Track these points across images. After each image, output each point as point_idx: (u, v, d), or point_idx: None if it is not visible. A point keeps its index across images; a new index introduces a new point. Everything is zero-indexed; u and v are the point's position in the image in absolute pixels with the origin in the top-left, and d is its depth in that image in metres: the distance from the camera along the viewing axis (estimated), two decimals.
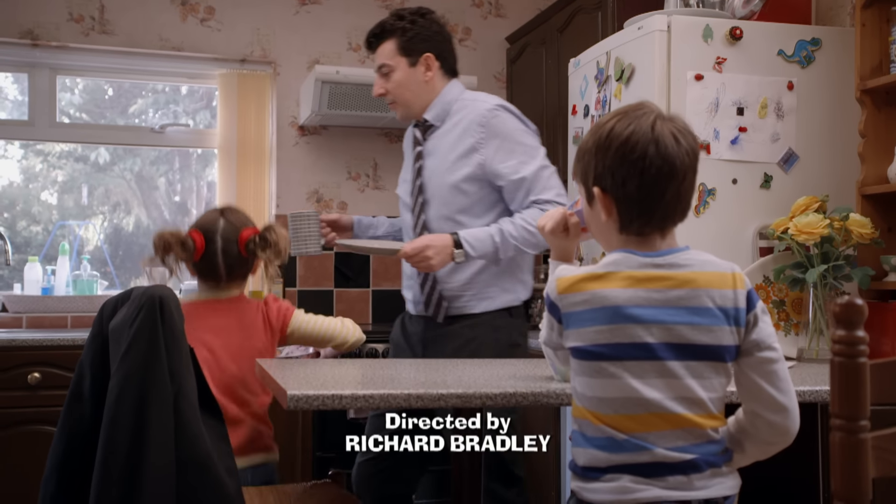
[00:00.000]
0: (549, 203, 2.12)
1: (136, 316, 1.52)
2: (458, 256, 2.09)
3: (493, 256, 2.13)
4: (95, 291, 3.29)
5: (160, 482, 1.45)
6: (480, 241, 2.11)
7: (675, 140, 1.25)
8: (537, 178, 2.15)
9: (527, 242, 2.13)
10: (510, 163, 2.14)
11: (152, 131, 3.53)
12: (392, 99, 2.27)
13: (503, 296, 2.22)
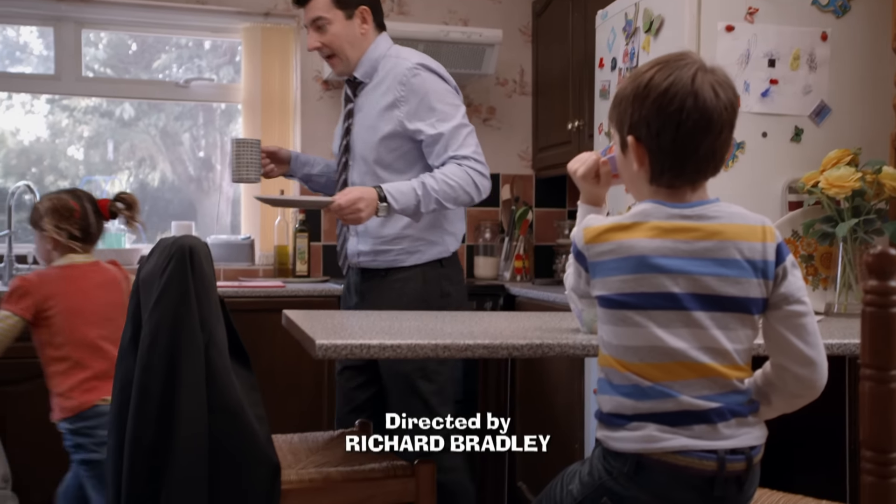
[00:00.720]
0: (467, 159, 2.15)
1: (167, 265, 1.54)
2: (382, 210, 2.10)
3: (414, 210, 2.14)
4: (123, 245, 3.33)
5: (192, 426, 1.49)
6: (403, 195, 2.12)
7: (715, 93, 1.24)
8: (455, 135, 2.17)
9: (447, 197, 2.14)
10: (430, 120, 2.17)
11: (177, 86, 3.53)
12: (329, 52, 2.27)
13: (432, 248, 2.27)
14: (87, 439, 2.15)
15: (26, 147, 3.70)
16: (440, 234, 2.28)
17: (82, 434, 2.15)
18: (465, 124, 2.22)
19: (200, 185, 3.91)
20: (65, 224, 2.19)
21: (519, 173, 3.70)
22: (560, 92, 3.39)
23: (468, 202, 2.19)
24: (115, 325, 2.06)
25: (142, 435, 1.49)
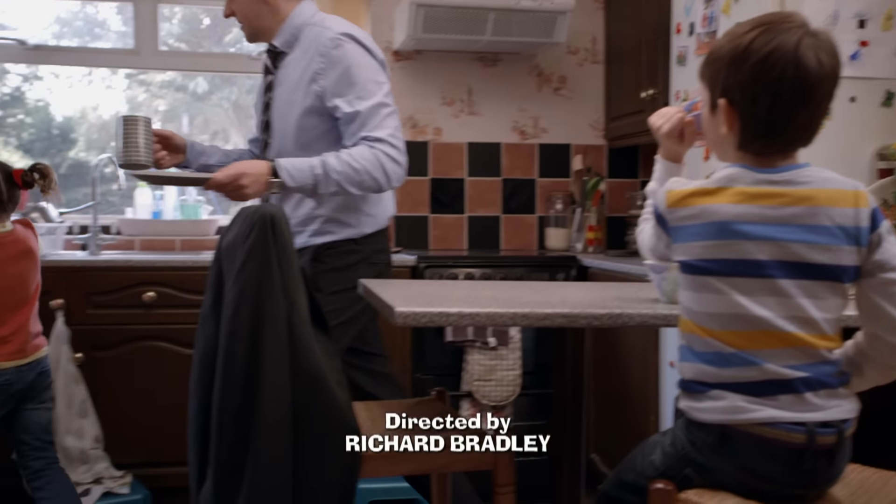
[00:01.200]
0: (380, 142, 1.99)
1: (249, 233, 1.57)
2: (274, 186, 1.96)
3: (311, 190, 1.99)
4: (200, 216, 3.40)
5: (276, 391, 1.52)
6: (300, 172, 1.96)
7: (818, 62, 1.18)
8: (373, 114, 2.00)
9: (350, 180, 1.97)
10: (348, 96, 2.00)
11: (250, 58, 3.57)
12: (239, 19, 2.14)
13: (344, 230, 2.10)
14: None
15: (106, 121, 3.80)
16: (356, 216, 2.11)
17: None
18: (386, 104, 2.04)
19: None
20: None
21: (590, 143, 3.65)
22: (633, 59, 3.32)
23: (375, 188, 2.02)
24: (16, 293, 2.24)
25: (228, 400, 1.52)
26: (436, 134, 3.55)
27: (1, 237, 2.25)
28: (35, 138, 3.70)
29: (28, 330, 2.29)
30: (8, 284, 2.24)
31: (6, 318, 2.24)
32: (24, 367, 2.28)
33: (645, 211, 1.43)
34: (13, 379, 2.25)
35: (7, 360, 2.24)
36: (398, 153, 2.02)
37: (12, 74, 3.66)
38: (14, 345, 2.25)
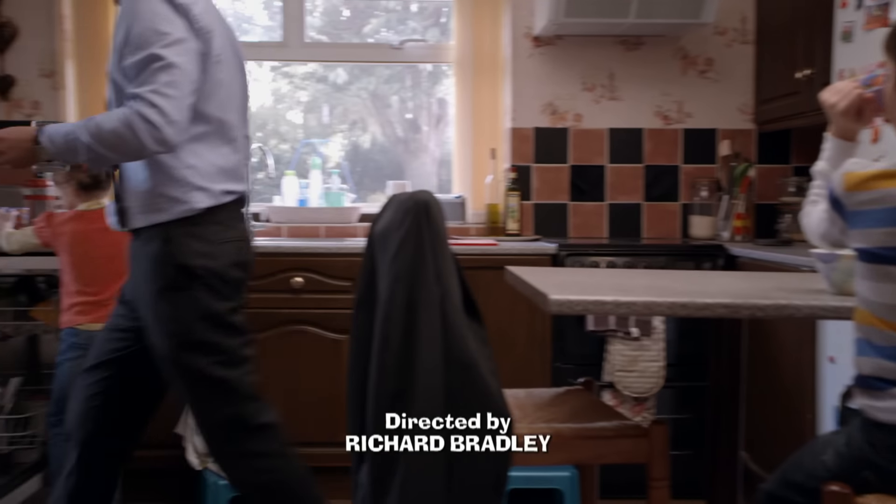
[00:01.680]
0: (137, 99, 1.76)
1: (403, 220, 1.58)
2: (42, 154, 1.81)
3: (73, 156, 1.82)
4: (343, 203, 3.49)
5: (430, 378, 1.53)
6: (60, 136, 1.80)
7: None
8: (142, 67, 1.77)
9: (105, 144, 1.78)
10: (128, 49, 1.81)
11: (391, 48, 3.62)
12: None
13: (175, 206, 1.91)
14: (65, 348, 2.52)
15: (252, 113, 3.94)
16: (184, 189, 1.92)
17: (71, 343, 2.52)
18: (160, 56, 1.77)
19: (408, 147, 4.01)
20: (74, 173, 2.50)
21: (738, 128, 3.49)
22: (788, 38, 3.15)
23: (130, 152, 1.80)
24: (115, 264, 2.44)
25: (383, 385, 1.55)
26: (576, 120, 3.49)
27: (97, 213, 2.51)
28: None
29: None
30: (107, 254, 2.49)
31: (105, 285, 2.50)
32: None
33: (812, 192, 1.35)
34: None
35: (99, 323, 2.40)
36: (155, 112, 1.76)
37: None
38: (108, 309, 2.40)
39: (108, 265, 2.52)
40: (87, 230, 2.53)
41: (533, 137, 3.49)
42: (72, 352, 2.50)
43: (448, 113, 3.87)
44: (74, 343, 2.51)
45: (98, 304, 2.50)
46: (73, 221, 2.53)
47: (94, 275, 2.52)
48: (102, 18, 3.36)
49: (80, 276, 2.51)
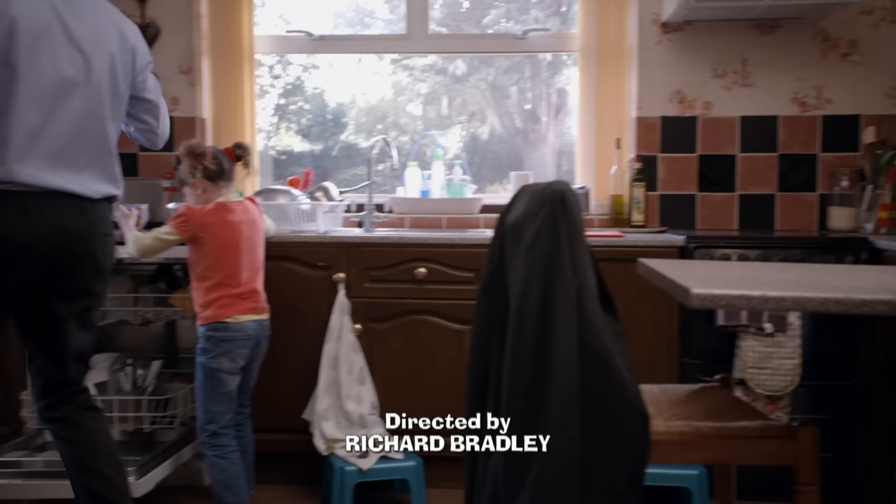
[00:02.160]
0: None
1: (539, 211, 1.56)
2: None
3: None
4: (465, 195, 3.49)
5: (565, 371, 1.50)
6: None
7: None
8: None
9: None
10: None
11: (515, 38, 3.58)
12: None
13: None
14: (211, 346, 2.52)
15: (373, 106, 3.98)
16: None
17: (215, 340, 2.52)
18: None
19: (527, 137, 3.97)
20: (199, 161, 2.54)
21: (885, 113, 3.28)
22: None
23: None
24: (252, 256, 2.57)
25: (517, 378, 1.53)
26: (705, 108, 3.37)
27: (235, 205, 2.57)
28: (312, 123, 3.97)
29: (260, 291, 2.61)
30: (248, 247, 2.56)
31: (246, 277, 2.55)
32: (258, 322, 2.58)
33: None
34: (253, 331, 2.55)
35: (246, 314, 2.54)
36: None
37: (294, 65, 3.95)
38: (251, 301, 2.56)
39: (250, 257, 2.58)
40: (231, 221, 2.55)
41: (659, 126, 3.39)
42: (222, 345, 2.51)
43: (567, 103, 3.81)
44: (226, 337, 2.51)
45: (240, 296, 2.54)
46: (217, 213, 2.54)
47: (237, 267, 2.54)
48: (236, 15, 3.47)
49: (222, 268, 2.52)
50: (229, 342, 2.51)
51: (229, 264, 2.52)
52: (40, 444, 2.84)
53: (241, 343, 2.53)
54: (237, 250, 2.54)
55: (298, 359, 2.94)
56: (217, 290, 2.52)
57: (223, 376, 2.51)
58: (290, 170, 3.84)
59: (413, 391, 2.95)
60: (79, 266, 2.14)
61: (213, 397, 2.52)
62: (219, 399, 2.52)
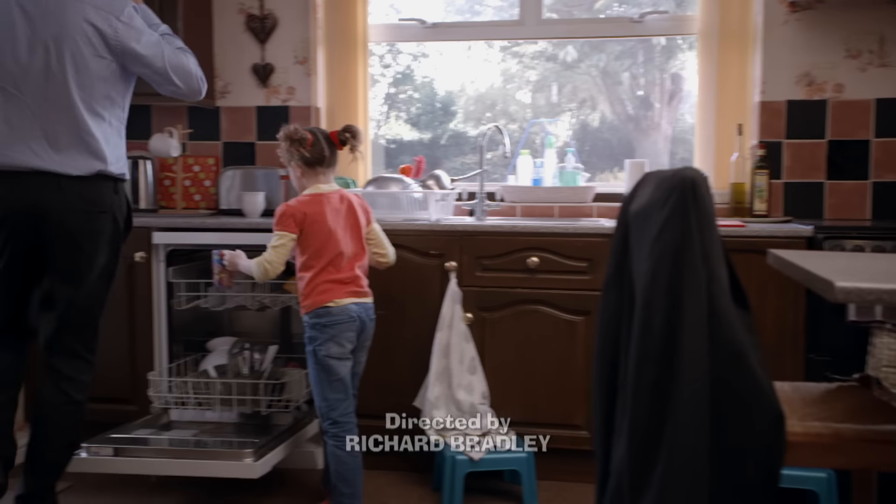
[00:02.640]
0: None
1: (668, 199, 1.50)
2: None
3: None
4: (578, 183, 3.42)
5: (695, 365, 1.44)
6: None
7: None
8: None
9: None
10: None
11: (631, 21, 3.48)
12: None
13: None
14: (317, 333, 2.52)
15: (482, 94, 3.96)
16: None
17: (320, 326, 2.51)
18: None
19: (639, 125, 3.86)
20: (296, 148, 2.53)
21: None
22: None
23: None
24: (351, 242, 2.56)
25: (644, 372, 1.48)
26: (836, 91, 3.18)
27: (330, 194, 2.57)
28: (421, 112, 3.98)
29: (361, 276, 2.60)
30: (345, 234, 2.56)
31: (346, 264, 2.55)
32: (360, 304, 2.57)
33: None
34: (356, 313, 2.54)
35: (347, 297, 2.53)
36: None
37: (404, 54, 3.96)
38: (352, 285, 2.56)
39: (348, 243, 2.57)
40: (327, 210, 2.55)
41: (785, 111, 3.23)
42: (328, 331, 2.51)
43: (682, 88, 3.68)
44: (330, 322, 2.51)
45: (341, 281, 2.54)
46: (313, 203, 2.55)
47: (337, 254, 2.54)
48: (351, 5, 3.50)
49: (323, 256, 2.53)
50: (333, 326, 2.51)
51: (329, 252, 2.52)
52: (166, 423, 2.95)
53: (345, 326, 2.52)
54: (335, 238, 2.53)
55: (410, 346, 2.95)
56: (318, 277, 2.52)
57: (333, 362, 2.51)
58: (399, 158, 3.86)
59: (524, 382, 2.92)
60: (55, 240, 2.33)
61: (327, 385, 2.53)
62: (333, 387, 2.52)
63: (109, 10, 2.36)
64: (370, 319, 2.62)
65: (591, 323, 2.83)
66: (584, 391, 2.86)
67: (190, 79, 2.50)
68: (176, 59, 2.45)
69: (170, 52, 2.45)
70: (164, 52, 2.43)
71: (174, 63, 2.46)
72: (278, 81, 3.54)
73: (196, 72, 2.51)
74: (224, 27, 3.55)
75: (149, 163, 3.46)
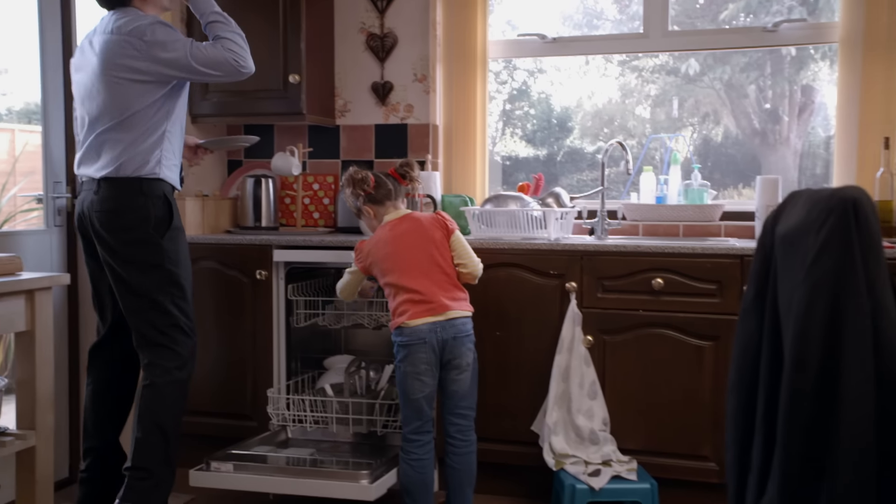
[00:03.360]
0: None
1: (825, 221, 1.37)
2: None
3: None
4: (705, 201, 3.27)
5: (858, 404, 1.31)
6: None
7: None
8: None
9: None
10: None
11: (764, 31, 3.31)
12: None
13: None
14: (396, 351, 2.57)
15: (599, 109, 3.86)
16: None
17: (397, 346, 2.57)
18: None
19: (765, 139, 3.68)
20: (361, 188, 2.65)
21: None
22: None
23: None
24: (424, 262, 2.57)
25: (797, 408, 1.35)
26: None
27: (395, 222, 2.63)
28: (537, 128, 3.92)
29: (438, 292, 2.57)
30: (416, 254, 2.58)
31: (420, 284, 2.55)
32: (434, 323, 2.53)
33: None
34: (426, 334, 2.52)
35: (423, 317, 2.52)
36: None
37: (520, 70, 3.91)
38: (430, 303, 2.54)
39: (421, 263, 2.58)
40: (393, 236, 2.60)
41: None
42: (401, 351, 2.54)
43: (814, 100, 3.48)
44: (404, 342, 2.54)
45: (414, 301, 2.54)
46: (378, 233, 2.65)
47: (408, 275, 2.56)
48: (471, 22, 3.47)
49: (396, 279, 2.57)
50: (406, 347, 2.53)
51: (398, 273, 2.57)
52: (284, 440, 2.97)
53: (416, 348, 2.52)
54: (403, 259, 2.58)
55: (527, 369, 2.88)
56: (396, 299, 2.58)
57: (407, 381, 2.54)
58: (514, 175, 3.82)
59: (647, 409, 2.79)
60: (96, 238, 2.54)
61: (403, 401, 2.57)
62: (407, 404, 2.56)
63: (134, 35, 2.48)
64: (458, 336, 2.56)
65: (721, 348, 2.69)
66: (712, 420, 2.72)
67: (224, 65, 2.54)
68: (202, 55, 2.50)
69: (195, 50, 2.50)
70: (189, 53, 2.49)
71: (202, 59, 2.51)
72: (397, 99, 3.55)
73: (226, 56, 2.53)
74: (345, 47, 3.58)
75: (270, 181, 3.52)
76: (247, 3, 3.28)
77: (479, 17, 3.47)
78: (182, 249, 2.58)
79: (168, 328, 2.52)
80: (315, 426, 2.91)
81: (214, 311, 3.15)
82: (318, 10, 3.44)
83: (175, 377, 2.53)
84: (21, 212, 3.27)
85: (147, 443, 2.48)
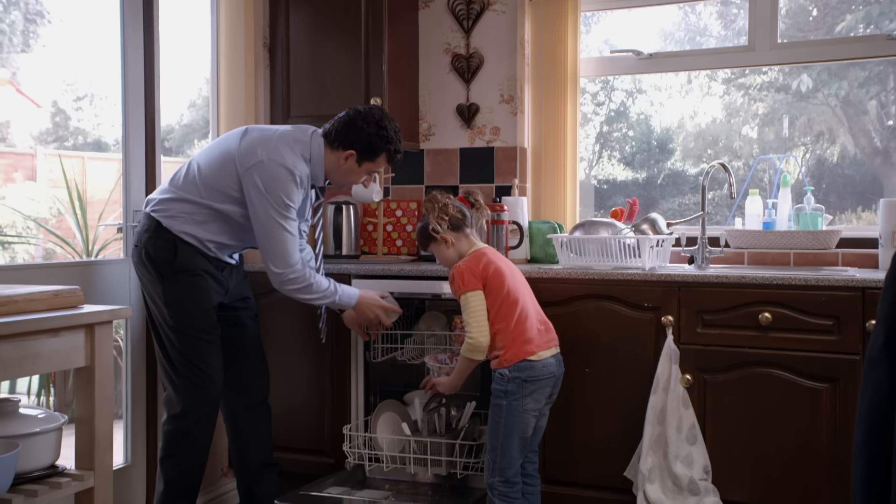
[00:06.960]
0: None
1: None
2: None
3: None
4: (820, 227, 2.99)
5: None
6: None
7: None
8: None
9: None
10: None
11: (888, 39, 3.03)
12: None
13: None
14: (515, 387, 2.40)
15: (702, 129, 3.68)
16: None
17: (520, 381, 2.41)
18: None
19: (888, 158, 3.39)
20: (442, 215, 2.53)
21: None
22: None
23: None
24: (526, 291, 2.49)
25: None
26: None
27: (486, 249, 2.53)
28: (636, 150, 3.76)
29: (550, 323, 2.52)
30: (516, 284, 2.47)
31: (534, 312, 2.47)
32: (557, 357, 2.48)
33: None
34: (555, 369, 2.45)
35: (547, 348, 2.45)
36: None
37: (618, 91, 3.74)
38: (550, 333, 2.49)
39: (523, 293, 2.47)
40: (492, 262, 2.47)
41: None
42: (528, 386, 2.40)
43: None
44: (532, 377, 2.40)
45: (539, 331, 2.44)
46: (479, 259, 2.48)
47: (524, 303, 2.44)
48: (561, 40, 3.34)
49: (513, 305, 2.42)
50: (534, 382, 2.42)
51: (516, 301, 2.43)
52: (361, 480, 2.85)
53: (545, 382, 2.44)
54: (516, 284, 2.46)
55: (619, 409, 2.68)
56: (516, 328, 2.42)
57: (529, 418, 2.43)
58: (611, 200, 3.67)
59: (754, 456, 2.54)
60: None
61: (510, 441, 2.41)
62: (516, 444, 2.42)
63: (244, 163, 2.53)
64: (562, 372, 2.51)
65: (839, 391, 2.43)
66: (828, 470, 2.45)
67: (264, 252, 2.54)
68: (264, 232, 2.51)
69: (270, 225, 2.50)
70: (261, 218, 2.50)
71: (262, 231, 2.51)
72: (483, 122, 3.43)
73: (269, 257, 2.52)
74: (429, 68, 3.50)
75: (352, 208, 3.44)
76: (329, 25, 3.25)
77: (570, 34, 3.32)
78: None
79: (174, 365, 2.58)
80: (392, 465, 2.77)
81: (293, 344, 3.09)
82: (402, 31, 3.37)
83: (175, 426, 2.57)
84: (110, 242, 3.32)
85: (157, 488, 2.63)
